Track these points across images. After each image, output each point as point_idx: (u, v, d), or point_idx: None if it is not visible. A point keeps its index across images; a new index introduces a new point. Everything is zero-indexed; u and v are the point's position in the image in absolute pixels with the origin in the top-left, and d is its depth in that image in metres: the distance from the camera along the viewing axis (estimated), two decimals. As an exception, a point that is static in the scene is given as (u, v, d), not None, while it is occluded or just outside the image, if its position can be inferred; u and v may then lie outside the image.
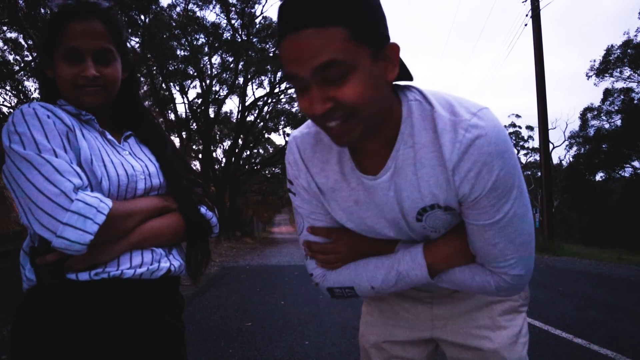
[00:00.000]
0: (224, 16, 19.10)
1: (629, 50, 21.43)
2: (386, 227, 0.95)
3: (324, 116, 0.74)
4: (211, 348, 3.49)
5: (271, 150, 31.14)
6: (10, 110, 11.04)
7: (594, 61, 27.17)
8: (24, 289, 0.93)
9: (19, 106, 0.96)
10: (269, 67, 18.99)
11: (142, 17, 15.85)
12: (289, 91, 21.29)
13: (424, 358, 1.16)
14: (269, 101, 22.18)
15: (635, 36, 21.51)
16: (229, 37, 19.21)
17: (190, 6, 18.69)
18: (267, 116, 23.63)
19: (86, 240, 0.83)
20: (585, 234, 24.83)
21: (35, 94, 10.94)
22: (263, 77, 20.76)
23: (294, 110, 22.44)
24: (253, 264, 10.24)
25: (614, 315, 4.51)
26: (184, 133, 21.44)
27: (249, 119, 22.29)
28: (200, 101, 20.64)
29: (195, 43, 19.06)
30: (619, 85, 24.65)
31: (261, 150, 31.27)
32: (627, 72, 22.26)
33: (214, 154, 24.63)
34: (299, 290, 6.13)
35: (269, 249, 15.96)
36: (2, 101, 11.81)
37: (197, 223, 1.05)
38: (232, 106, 78.77)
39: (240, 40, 19.12)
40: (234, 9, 18.97)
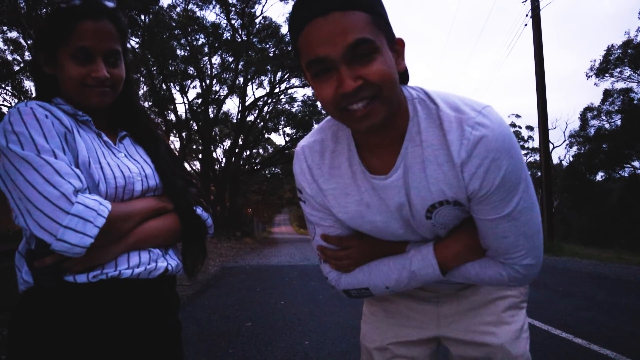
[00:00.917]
0: (224, 16, 19.11)
1: (629, 50, 21.42)
2: (397, 227, 0.96)
3: (354, 94, 0.75)
4: (211, 348, 3.49)
5: (271, 150, 31.14)
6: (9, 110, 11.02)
7: (594, 61, 27.15)
8: (21, 290, 0.93)
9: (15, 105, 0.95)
10: (269, 67, 19.00)
11: (142, 17, 15.86)
12: (289, 91, 21.33)
13: (427, 357, 1.17)
14: (269, 101, 22.20)
15: (636, 36, 21.46)
16: (229, 37, 19.23)
17: (190, 6, 18.71)
18: (267, 116, 23.64)
19: (86, 244, 0.82)
20: (585, 234, 24.82)
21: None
22: (263, 77, 20.79)
23: (294, 110, 22.46)
24: (253, 264, 10.24)
25: (614, 315, 4.51)
26: (184, 133, 21.45)
27: (249, 119, 22.31)
28: (200, 101, 20.64)
29: (195, 43, 19.08)
30: (619, 85, 24.65)
31: (261, 150, 31.29)
32: (627, 72, 22.26)
33: (214, 154, 24.65)
34: (299, 290, 6.13)
35: (269, 249, 15.96)
36: (2, 101, 11.82)
37: (193, 224, 1.05)
38: (232, 106, 78.84)
39: (240, 40, 19.13)
40: (234, 9, 18.99)
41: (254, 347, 3.51)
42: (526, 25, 20.94)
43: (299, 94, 45.42)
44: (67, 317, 0.88)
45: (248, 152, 26.38)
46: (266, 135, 27.58)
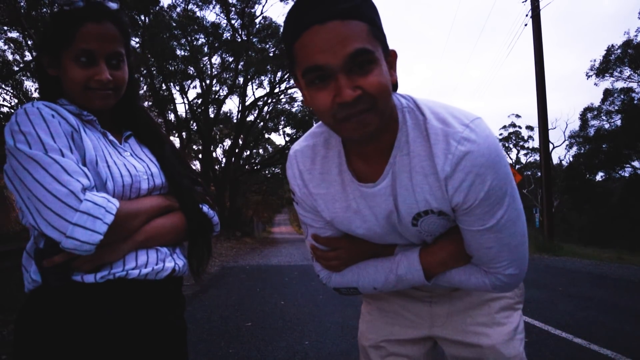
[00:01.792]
0: (224, 16, 19.12)
1: (629, 50, 21.44)
2: (385, 233, 0.99)
3: (352, 104, 0.75)
4: (211, 348, 3.49)
5: (271, 150, 31.14)
6: (10, 110, 11.03)
7: (594, 61, 27.20)
8: (27, 290, 0.93)
9: (21, 105, 0.95)
10: (269, 67, 19.01)
11: (142, 18, 15.86)
12: (289, 91, 21.32)
13: (422, 355, 1.18)
14: (269, 101, 22.21)
15: (636, 36, 21.53)
16: (229, 37, 19.23)
17: (190, 6, 18.71)
18: (267, 116, 23.65)
19: (96, 241, 0.82)
20: (585, 234, 24.81)
21: (35, 94, 10.93)
22: (263, 77, 20.81)
23: (294, 110, 22.47)
24: (253, 264, 10.25)
25: (614, 315, 4.51)
26: (184, 133, 21.45)
27: (249, 119, 22.32)
28: (200, 101, 20.65)
29: (195, 43, 19.08)
30: (619, 85, 24.67)
31: (261, 150, 31.30)
32: (627, 72, 22.30)
33: (214, 154, 24.67)
34: (299, 290, 6.14)
35: (269, 249, 15.96)
36: (2, 101, 11.82)
37: (199, 222, 1.06)
38: (232, 106, 78.76)
39: (240, 40, 19.13)
40: (234, 9, 19.00)
41: (254, 347, 3.51)
42: (526, 25, 20.96)
43: (298, 94, 45.37)
44: (73, 317, 0.88)
45: (248, 152, 26.41)
46: (266, 135, 27.63)
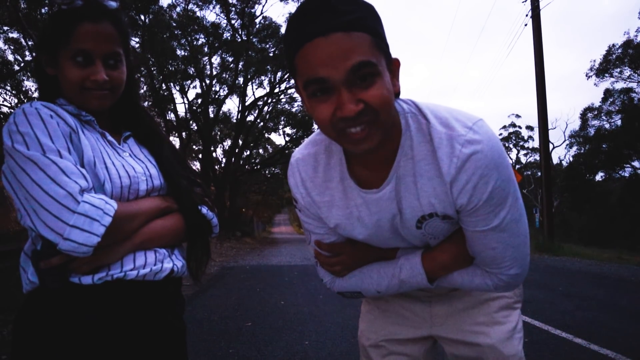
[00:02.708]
0: (224, 16, 19.12)
1: (629, 50, 21.44)
2: (388, 237, 1.00)
3: (354, 118, 0.74)
4: (211, 348, 3.49)
5: (271, 150, 31.14)
6: (10, 110, 11.03)
7: (594, 61, 27.22)
8: (25, 291, 0.92)
9: (19, 105, 0.94)
10: (269, 67, 19.01)
11: (142, 17, 15.86)
12: (289, 91, 21.31)
13: (422, 354, 1.19)
14: (269, 101, 22.20)
15: (636, 36, 21.49)
16: (229, 37, 19.22)
17: (190, 6, 18.71)
18: (267, 116, 23.64)
19: (93, 242, 0.82)
20: (585, 234, 24.82)
21: (35, 94, 10.93)
22: (263, 77, 20.80)
23: (294, 110, 22.46)
24: (253, 264, 10.24)
25: (614, 315, 4.51)
26: (184, 133, 21.44)
27: (249, 119, 22.31)
28: (200, 101, 20.64)
29: (195, 43, 19.08)
30: (619, 85, 24.69)
31: (261, 150, 31.29)
32: (627, 72, 22.30)
33: (214, 154, 24.66)
34: (299, 290, 6.14)
35: (269, 249, 15.96)
36: (2, 101, 11.81)
37: (198, 223, 1.05)
38: (232, 106, 78.77)
39: (240, 40, 19.12)
40: (234, 9, 18.99)
41: (254, 347, 3.51)
42: (526, 25, 20.94)
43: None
44: (71, 318, 0.88)
45: (248, 152, 26.39)
46: (266, 135, 27.61)
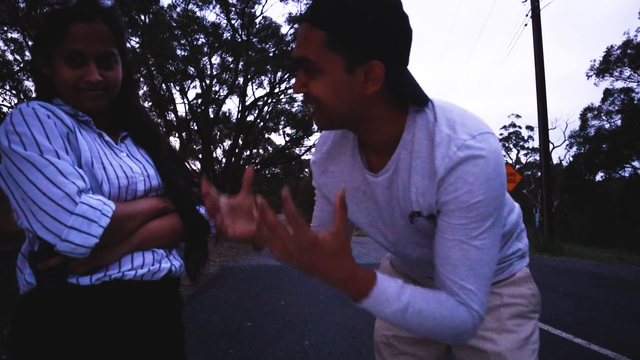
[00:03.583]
0: (224, 16, 19.10)
1: (629, 50, 21.43)
2: (385, 224, 1.00)
3: (303, 98, 0.85)
4: (211, 348, 3.49)
5: (271, 150, 31.13)
6: (10, 110, 11.02)
7: (594, 61, 27.18)
8: (22, 292, 0.92)
9: (16, 105, 0.94)
10: (269, 67, 18.99)
11: (142, 17, 15.86)
12: (289, 91, 21.29)
13: (433, 358, 1.17)
14: (269, 101, 22.17)
15: (635, 36, 21.49)
16: (229, 37, 19.21)
17: (190, 6, 18.69)
18: (267, 116, 23.61)
19: (91, 244, 0.82)
20: (585, 234, 24.81)
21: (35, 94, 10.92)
22: (263, 77, 20.75)
23: (294, 110, 22.45)
24: (253, 264, 10.24)
25: (614, 315, 4.51)
26: (184, 133, 21.44)
27: (249, 119, 22.28)
28: (200, 101, 20.64)
29: (195, 43, 19.05)
30: (619, 85, 24.63)
31: (261, 150, 31.28)
32: (627, 72, 22.28)
33: (214, 154, 24.64)
34: (299, 290, 6.13)
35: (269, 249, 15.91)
36: (2, 101, 11.81)
37: (196, 224, 1.05)
38: (232, 106, 78.73)
39: (240, 40, 19.11)
40: (234, 9, 18.98)
41: (254, 347, 3.51)
42: (526, 25, 20.96)
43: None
44: (69, 319, 0.88)
45: (248, 152, 26.37)
46: (266, 135, 27.61)
